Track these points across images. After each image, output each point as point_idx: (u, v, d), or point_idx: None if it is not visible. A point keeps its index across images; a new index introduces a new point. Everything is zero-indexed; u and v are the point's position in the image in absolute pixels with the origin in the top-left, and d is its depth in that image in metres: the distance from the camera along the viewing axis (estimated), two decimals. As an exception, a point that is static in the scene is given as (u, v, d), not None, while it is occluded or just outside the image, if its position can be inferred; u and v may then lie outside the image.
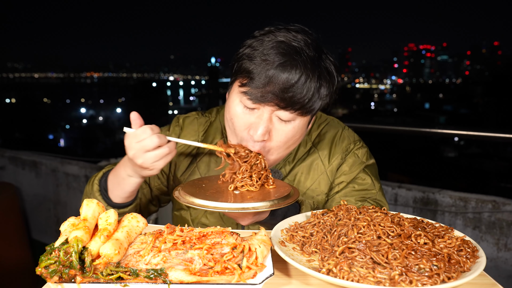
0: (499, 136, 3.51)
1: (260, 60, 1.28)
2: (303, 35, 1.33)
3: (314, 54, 1.32)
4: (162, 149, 1.27)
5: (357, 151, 1.59)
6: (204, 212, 1.60)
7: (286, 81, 1.26)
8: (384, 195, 1.58)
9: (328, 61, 1.37)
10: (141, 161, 1.27)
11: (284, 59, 1.27)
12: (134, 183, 1.41)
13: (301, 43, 1.31)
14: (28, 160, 4.89)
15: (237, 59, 1.36)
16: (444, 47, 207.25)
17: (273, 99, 1.28)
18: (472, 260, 0.99)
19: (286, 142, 1.39)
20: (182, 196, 1.28)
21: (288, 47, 1.29)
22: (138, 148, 1.25)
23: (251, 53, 1.31)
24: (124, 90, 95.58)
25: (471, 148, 40.10)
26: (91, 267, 0.91)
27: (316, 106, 1.34)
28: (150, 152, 1.26)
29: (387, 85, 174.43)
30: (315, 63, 1.31)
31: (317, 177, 1.56)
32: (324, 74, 1.34)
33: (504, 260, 3.04)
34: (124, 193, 1.44)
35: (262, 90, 1.28)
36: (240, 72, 1.34)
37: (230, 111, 1.39)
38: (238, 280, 0.90)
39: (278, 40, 1.31)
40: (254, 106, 1.32)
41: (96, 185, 1.49)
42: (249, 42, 1.34)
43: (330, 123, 1.65)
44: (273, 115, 1.34)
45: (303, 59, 1.28)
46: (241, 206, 1.20)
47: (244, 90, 1.31)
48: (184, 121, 1.69)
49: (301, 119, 1.36)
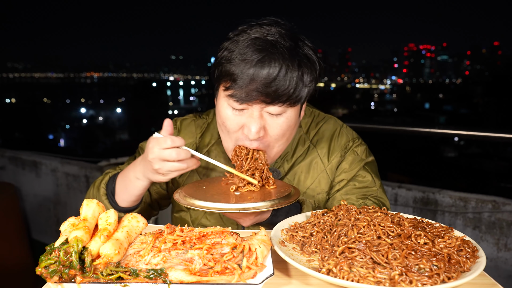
0: (499, 136, 3.51)
1: (239, 60, 1.29)
2: (276, 27, 1.34)
3: (290, 44, 1.32)
4: (181, 164, 1.29)
5: (356, 149, 1.59)
6: (204, 214, 1.60)
7: (267, 76, 1.27)
8: (384, 192, 1.58)
9: (306, 47, 1.37)
10: (157, 167, 1.29)
11: (261, 55, 1.28)
12: (141, 187, 1.43)
13: (275, 35, 1.32)
14: (28, 160, 4.89)
15: (217, 64, 1.38)
16: (444, 47, 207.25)
17: (258, 96, 1.29)
18: (472, 260, 0.99)
19: (283, 134, 1.40)
20: (183, 198, 1.28)
21: (263, 42, 1.30)
22: (158, 154, 1.28)
23: (228, 55, 1.32)
24: (124, 90, 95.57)
25: (471, 148, 40.09)
26: (91, 267, 0.91)
27: (302, 94, 1.35)
28: (168, 163, 1.28)
29: (387, 85, 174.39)
30: (293, 53, 1.32)
31: (317, 176, 1.56)
32: (304, 61, 1.34)
33: (504, 260, 3.04)
34: (130, 197, 1.47)
35: (246, 89, 1.29)
36: (222, 76, 1.35)
37: (221, 115, 1.40)
38: (238, 280, 0.90)
39: (252, 37, 1.32)
40: (242, 107, 1.33)
41: (103, 189, 1.51)
42: (225, 45, 1.35)
43: (328, 122, 1.65)
44: (263, 111, 1.35)
45: (280, 51, 1.29)
46: (242, 206, 1.20)
47: (229, 93, 1.32)
48: (182, 123, 1.70)
49: (291, 110, 1.37)
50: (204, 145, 1.63)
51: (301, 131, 1.61)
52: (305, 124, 1.63)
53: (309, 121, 1.64)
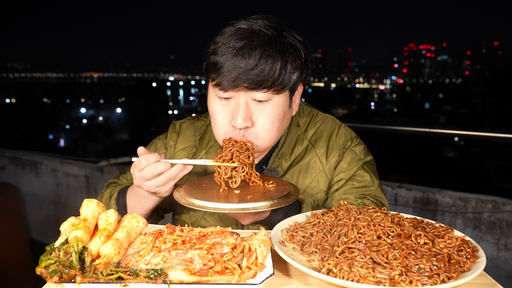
0: (499, 136, 3.51)
1: (222, 50, 1.34)
2: (263, 20, 1.39)
3: (273, 33, 1.36)
4: (162, 177, 1.31)
5: (355, 148, 1.59)
6: (204, 215, 1.60)
7: (248, 62, 1.30)
8: (383, 192, 1.58)
9: (291, 37, 1.40)
10: (146, 188, 1.34)
11: (243, 42, 1.32)
12: (154, 201, 1.47)
13: (260, 26, 1.36)
14: (28, 160, 4.89)
15: (205, 59, 1.42)
16: (444, 47, 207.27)
17: (241, 83, 1.32)
18: (472, 260, 0.99)
19: (272, 122, 1.40)
20: (183, 197, 1.28)
21: (246, 31, 1.34)
22: (139, 177, 1.32)
23: (214, 47, 1.37)
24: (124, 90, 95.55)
25: (471, 148, 40.07)
26: (91, 267, 0.91)
27: (287, 80, 1.37)
28: (151, 181, 1.32)
29: (387, 85, 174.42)
30: (274, 41, 1.35)
31: (315, 175, 1.56)
32: (287, 48, 1.37)
33: (504, 260, 3.04)
34: (145, 211, 1.50)
35: (230, 77, 1.32)
36: (209, 69, 1.39)
37: (210, 108, 1.45)
38: (238, 280, 0.90)
39: (237, 28, 1.36)
40: (227, 95, 1.36)
41: (114, 205, 1.53)
42: (213, 40, 1.40)
43: (327, 121, 1.65)
44: (249, 99, 1.37)
45: (262, 39, 1.33)
46: (241, 206, 1.20)
47: (215, 82, 1.36)
48: (181, 126, 1.71)
49: (278, 97, 1.39)
50: (203, 147, 1.64)
51: (299, 131, 1.61)
52: (303, 124, 1.63)
53: (308, 121, 1.64)
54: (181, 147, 1.66)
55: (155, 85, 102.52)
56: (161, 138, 1.72)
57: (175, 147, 1.67)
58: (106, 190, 1.61)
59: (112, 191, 1.57)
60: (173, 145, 1.67)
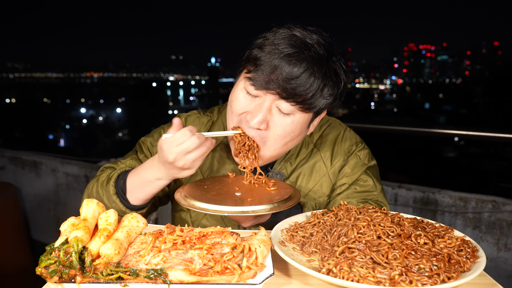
0: (499, 136, 3.51)
1: (270, 49, 1.31)
2: (318, 35, 1.36)
3: (323, 53, 1.33)
4: (201, 148, 1.28)
5: (359, 153, 1.58)
6: (205, 214, 1.60)
7: (290, 72, 1.27)
8: (385, 197, 1.58)
9: (338, 63, 1.38)
10: (182, 164, 1.27)
11: (292, 51, 1.29)
12: (161, 185, 1.42)
13: (313, 40, 1.33)
14: (28, 160, 4.89)
15: (249, 48, 1.38)
16: (444, 47, 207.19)
17: (275, 87, 1.29)
18: (472, 260, 0.99)
19: (284, 136, 1.38)
20: (183, 198, 1.28)
21: (299, 40, 1.31)
22: (178, 151, 1.26)
23: (262, 42, 1.34)
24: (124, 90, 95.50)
25: (471, 148, 40.07)
26: (91, 267, 0.91)
27: (317, 103, 1.34)
28: (191, 153, 1.27)
29: (387, 85, 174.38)
30: (323, 61, 1.32)
31: (319, 179, 1.56)
32: (330, 74, 1.34)
33: (504, 260, 3.04)
34: (146, 195, 1.45)
35: (266, 77, 1.29)
36: (249, 60, 1.36)
37: (233, 94, 1.41)
38: (238, 280, 0.90)
39: (292, 33, 1.33)
40: (256, 93, 1.33)
41: (112, 187, 1.46)
42: (264, 34, 1.37)
43: (332, 125, 1.65)
44: (274, 105, 1.34)
45: (311, 55, 1.30)
46: (241, 209, 1.20)
47: (249, 76, 1.33)
48: (186, 120, 1.68)
49: (301, 115, 1.36)
50: None
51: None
52: None
53: (314, 126, 1.64)
54: None
55: (155, 85, 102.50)
56: (165, 128, 1.67)
57: None
58: (102, 174, 1.54)
59: (110, 174, 1.50)
60: None
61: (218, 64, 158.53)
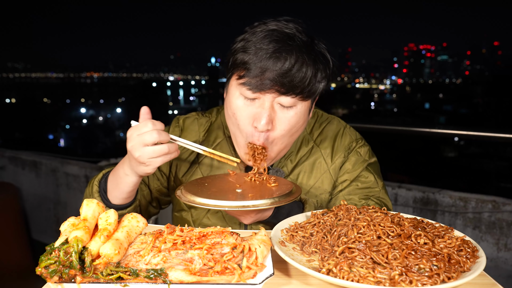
0: (499, 136, 3.51)
1: (255, 49, 1.30)
2: (294, 23, 1.36)
3: (307, 39, 1.34)
4: (161, 146, 1.25)
5: (360, 149, 1.59)
6: (206, 213, 1.60)
7: (282, 67, 1.28)
8: (387, 193, 1.58)
9: (321, 45, 1.39)
10: (138, 154, 1.25)
11: (278, 46, 1.29)
12: (131, 183, 1.38)
13: (293, 30, 1.34)
14: (28, 160, 4.89)
15: (231, 54, 1.38)
16: (444, 47, 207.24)
17: (272, 85, 1.30)
18: (472, 260, 0.99)
19: (289, 129, 1.39)
20: (184, 195, 1.28)
21: (281, 33, 1.32)
22: (137, 140, 1.24)
23: (245, 45, 1.33)
24: (124, 90, 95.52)
25: (471, 148, 40.09)
26: (91, 267, 0.91)
27: (315, 89, 1.36)
28: (148, 147, 1.24)
29: (387, 85, 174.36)
30: (309, 47, 1.33)
31: (320, 176, 1.56)
32: (319, 57, 1.36)
33: (504, 260, 3.04)
34: (121, 194, 1.42)
35: (261, 78, 1.29)
36: (236, 66, 1.35)
37: (232, 106, 1.39)
38: (238, 280, 0.90)
39: (270, 29, 1.33)
40: (254, 96, 1.33)
41: (96, 186, 1.47)
42: (242, 37, 1.36)
43: (332, 122, 1.65)
44: (275, 102, 1.35)
45: (298, 44, 1.31)
46: (242, 204, 1.20)
47: (243, 81, 1.32)
48: (185, 122, 1.67)
49: (302, 104, 1.37)
50: (209, 144, 1.62)
51: (304, 131, 1.61)
52: (308, 125, 1.63)
53: (313, 122, 1.64)
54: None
55: (155, 85, 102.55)
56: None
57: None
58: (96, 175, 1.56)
59: (98, 175, 1.51)
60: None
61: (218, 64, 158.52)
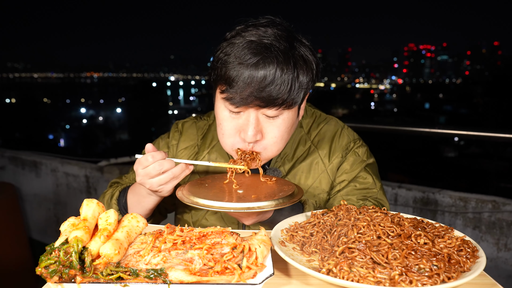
0: (499, 136, 3.51)
1: (234, 64, 1.30)
2: (273, 28, 1.34)
3: (285, 46, 1.32)
4: (166, 175, 1.32)
5: (358, 150, 1.59)
6: (205, 214, 1.60)
7: (262, 79, 1.27)
8: (385, 194, 1.58)
9: (302, 48, 1.37)
10: (148, 186, 1.35)
11: (256, 59, 1.28)
12: (154, 201, 1.48)
13: (270, 38, 1.32)
14: (28, 160, 4.89)
15: (213, 67, 1.38)
16: (444, 47, 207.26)
17: (253, 100, 1.30)
18: (472, 260, 0.99)
19: (281, 135, 1.41)
20: (186, 196, 1.28)
21: (258, 45, 1.30)
22: (142, 174, 1.33)
23: (224, 58, 1.33)
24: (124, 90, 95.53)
25: (471, 148, 40.06)
26: (91, 267, 0.91)
27: (298, 97, 1.35)
28: (154, 178, 1.32)
29: (387, 85, 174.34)
30: (288, 54, 1.31)
31: (317, 176, 1.56)
32: (299, 62, 1.34)
33: (504, 260, 3.04)
34: (145, 211, 1.51)
35: (242, 93, 1.30)
36: (218, 80, 1.36)
37: (219, 117, 1.43)
38: (238, 280, 0.90)
39: (248, 40, 1.32)
40: (238, 110, 1.35)
41: (115, 205, 1.54)
42: (222, 46, 1.36)
43: (330, 122, 1.65)
44: (259, 114, 1.36)
45: (275, 54, 1.29)
46: (246, 205, 1.20)
47: (225, 96, 1.34)
48: (183, 125, 1.71)
49: (288, 111, 1.38)
50: (206, 146, 1.63)
51: (302, 132, 1.61)
52: (306, 125, 1.63)
53: (311, 122, 1.64)
54: (183, 146, 1.66)
55: (155, 85, 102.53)
56: (164, 138, 1.72)
57: (178, 146, 1.67)
58: (108, 190, 1.62)
59: (113, 191, 1.58)
60: (176, 144, 1.67)
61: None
